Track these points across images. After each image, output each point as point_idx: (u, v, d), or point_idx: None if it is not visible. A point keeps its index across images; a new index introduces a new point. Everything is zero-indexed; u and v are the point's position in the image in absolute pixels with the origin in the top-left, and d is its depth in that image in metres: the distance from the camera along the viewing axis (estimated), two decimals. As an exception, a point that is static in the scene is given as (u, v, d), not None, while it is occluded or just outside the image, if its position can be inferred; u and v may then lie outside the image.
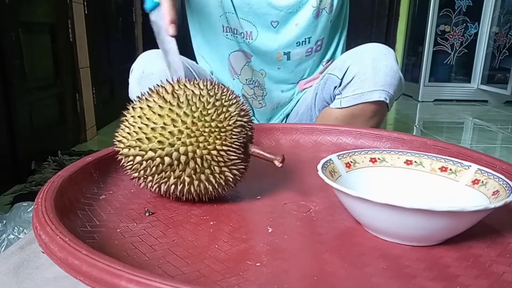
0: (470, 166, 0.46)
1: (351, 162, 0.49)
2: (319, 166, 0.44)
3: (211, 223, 0.43)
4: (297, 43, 0.98)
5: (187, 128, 0.42)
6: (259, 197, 0.50)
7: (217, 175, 0.44)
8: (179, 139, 0.42)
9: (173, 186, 0.44)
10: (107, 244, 0.38)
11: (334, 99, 0.92)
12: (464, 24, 3.28)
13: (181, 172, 0.43)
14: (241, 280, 0.32)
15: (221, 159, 0.43)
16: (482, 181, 0.43)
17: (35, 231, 0.33)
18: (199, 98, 0.44)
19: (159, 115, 0.43)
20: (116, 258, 0.28)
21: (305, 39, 0.98)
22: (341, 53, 1.08)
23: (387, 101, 0.84)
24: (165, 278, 0.25)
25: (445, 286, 0.32)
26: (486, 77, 3.31)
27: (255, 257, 0.36)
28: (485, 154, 0.56)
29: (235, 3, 0.94)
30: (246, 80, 1.03)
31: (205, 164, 0.43)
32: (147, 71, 0.84)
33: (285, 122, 1.08)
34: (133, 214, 0.45)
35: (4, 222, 0.94)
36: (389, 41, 3.90)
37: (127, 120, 0.46)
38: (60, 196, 0.41)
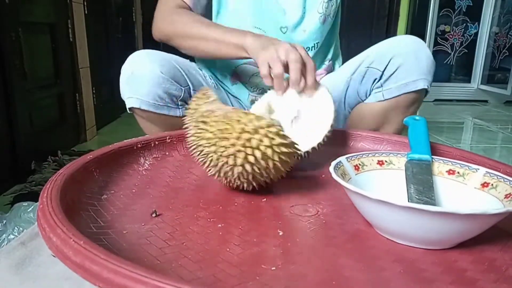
0: (478, 169, 0.45)
1: (360, 164, 0.49)
2: (331, 169, 0.43)
3: (219, 225, 0.42)
4: (306, 48, 0.98)
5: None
6: (265, 199, 0.49)
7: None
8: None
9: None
10: (116, 247, 0.36)
11: (370, 94, 0.92)
12: (464, 24, 3.28)
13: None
14: (259, 285, 0.31)
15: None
16: (492, 184, 0.43)
17: (43, 233, 0.32)
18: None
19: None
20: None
21: (314, 44, 0.99)
22: (339, 49, 1.08)
23: (429, 89, 0.87)
24: (195, 285, 0.24)
25: (463, 290, 0.32)
26: (486, 77, 3.31)
27: (270, 261, 0.35)
28: (487, 157, 0.56)
29: (251, 11, 0.94)
30: (252, 88, 1.02)
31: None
32: (137, 73, 0.82)
33: None
34: (137, 215, 0.44)
35: (4, 222, 0.94)
36: (389, 41, 3.89)
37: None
38: (64, 196, 0.39)
